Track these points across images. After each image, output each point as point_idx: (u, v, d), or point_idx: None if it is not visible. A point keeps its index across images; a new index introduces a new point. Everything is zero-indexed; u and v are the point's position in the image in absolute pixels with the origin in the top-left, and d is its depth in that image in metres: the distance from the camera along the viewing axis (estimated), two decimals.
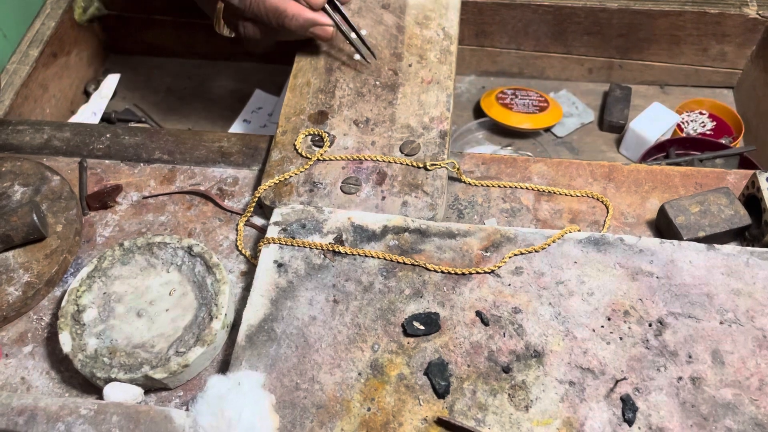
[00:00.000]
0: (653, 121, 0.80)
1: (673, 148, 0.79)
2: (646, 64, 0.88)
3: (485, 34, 0.88)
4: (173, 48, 0.89)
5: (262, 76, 0.91)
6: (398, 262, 0.50)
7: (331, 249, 0.50)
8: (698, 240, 0.51)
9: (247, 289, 0.51)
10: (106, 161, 0.61)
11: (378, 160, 0.56)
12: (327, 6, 0.59)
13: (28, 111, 0.73)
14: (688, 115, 0.85)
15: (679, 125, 0.84)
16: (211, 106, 0.85)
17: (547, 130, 0.87)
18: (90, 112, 0.81)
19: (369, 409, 0.43)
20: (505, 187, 0.58)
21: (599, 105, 0.89)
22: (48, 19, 0.78)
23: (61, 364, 0.49)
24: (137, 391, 0.46)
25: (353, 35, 0.61)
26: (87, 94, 0.84)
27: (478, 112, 0.90)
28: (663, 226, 0.53)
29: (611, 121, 0.85)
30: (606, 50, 0.88)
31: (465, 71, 0.93)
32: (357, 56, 0.63)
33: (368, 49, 0.61)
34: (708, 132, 0.83)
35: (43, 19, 0.78)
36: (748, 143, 0.83)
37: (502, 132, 0.87)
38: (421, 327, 0.46)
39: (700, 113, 0.85)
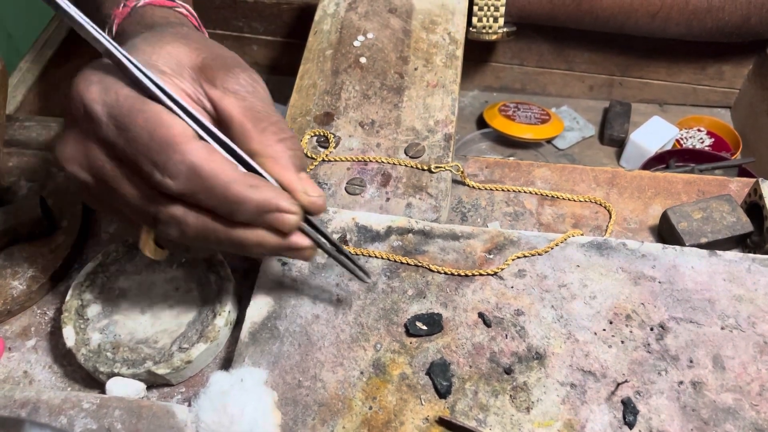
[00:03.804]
0: (653, 133, 0.81)
1: (673, 160, 0.80)
2: (646, 82, 0.89)
3: (489, 50, 0.89)
4: None
5: (270, 86, 0.91)
6: (402, 263, 0.50)
7: None
8: (700, 246, 0.51)
9: (250, 287, 0.52)
10: None
11: (383, 162, 0.56)
12: (304, 225, 0.41)
13: (38, 108, 0.74)
14: (687, 132, 0.86)
15: (678, 141, 0.85)
16: None
17: (549, 141, 0.88)
18: None
19: (371, 408, 0.43)
20: (508, 191, 0.58)
21: (599, 121, 0.90)
22: (63, 21, 0.79)
23: (64, 359, 0.49)
24: (140, 387, 0.46)
25: (336, 251, 0.45)
26: None
27: (481, 124, 0.90)
28: (665, 232, 0.54)
29: (612, 135, 0.86)
30: (606, 67, 0.89)
31: (468, 86, 0.94)
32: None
33: (359, 268, 0.45)
34: (706, 148, 0.84)
35: (59, 21, 0.79)
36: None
37: (504, 143, 0.88)
38: (424, 327, 0.46)
39: (699, 130, 0.86)
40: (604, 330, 0.46)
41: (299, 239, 0.41)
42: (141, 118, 0.37)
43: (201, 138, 0.39)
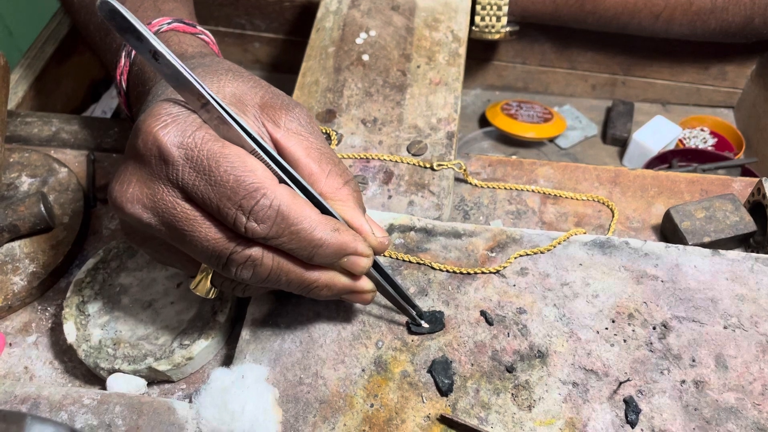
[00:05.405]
0: (656, 133, 0.81)
1: (676, 159, 0.80)
2: (649, 82, 0.89)
3: (491, 49, 0.89)
4: None
5: (272, 84, 0.90)
6: (404, 261, 0.50)
7: None
8: (703, 245, 0.51)
9: None
10: (114, 155, 0.61)
11: (385, 160, 0.56)
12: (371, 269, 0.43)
13: (39, 104, 0.74)
14: (690, 132, 0.86)
15: (680, 141, 0.84)
16: None
17: (551, 140, 0.87)
18: (100, 111, 0.81)
19: (372, 405, 0.43)
20: (511, 189, 0.58)
21: (602, 121, 0.90)
22: (65, 17, 0.78)
23: (65, 355, 0.49)
24: (141, 383, 0.46)
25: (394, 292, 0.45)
26: (98, 95, 0.84)
27: (483, 123, 0.90)
28: (668, 231, 0.53)
29: (614, 134, 0.86)
30: (609, 66, 0.89)
31: (471, 85, 0.94)
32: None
33: (416, 310, 0.46)
34: (709, 148, 0.84)
35: (60, 18, 0.79)
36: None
37: (506, 142, 0.88)
38: (426, 325, 0.46)
39: (702, 130, 0.86)
40: (607, 329, 0.46)
41: (364, 283, 0.42)
42: (225, 163, 0.36)
43: (281, 181, 0.39)
